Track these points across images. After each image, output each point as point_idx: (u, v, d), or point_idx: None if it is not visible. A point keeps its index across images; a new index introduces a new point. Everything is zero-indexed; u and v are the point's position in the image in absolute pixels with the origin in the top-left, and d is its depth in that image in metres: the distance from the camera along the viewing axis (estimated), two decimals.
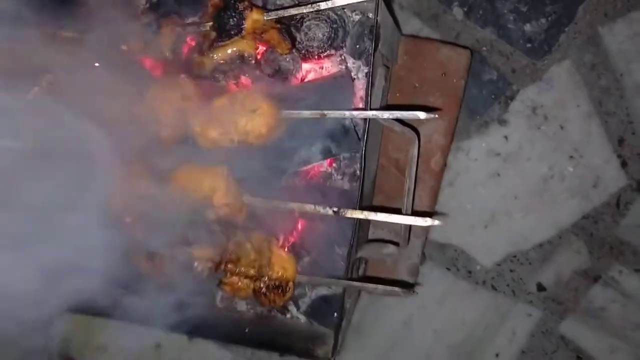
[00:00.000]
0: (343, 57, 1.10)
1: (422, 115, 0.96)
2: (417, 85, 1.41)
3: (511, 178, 1.68)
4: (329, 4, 0.97)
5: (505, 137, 1.66)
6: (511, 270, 1.72)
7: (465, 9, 1.61)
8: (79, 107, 1.03)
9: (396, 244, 1.19)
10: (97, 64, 1.06)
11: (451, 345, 1.77)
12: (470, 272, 1.74)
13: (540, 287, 1.72)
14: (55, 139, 1.02)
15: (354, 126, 1.09)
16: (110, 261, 1.06)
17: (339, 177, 1.15)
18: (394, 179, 1.42)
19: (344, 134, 1.09)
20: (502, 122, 1.65)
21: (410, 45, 1.40)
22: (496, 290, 1.73)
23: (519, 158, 1.67)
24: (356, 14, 1.09)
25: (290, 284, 1.07)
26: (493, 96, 1.65)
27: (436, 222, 0.98)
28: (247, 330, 1.17)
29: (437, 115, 0.94)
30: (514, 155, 1.67)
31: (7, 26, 0.99)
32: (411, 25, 1.63)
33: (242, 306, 1.24)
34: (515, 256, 1.71)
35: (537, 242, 1.70)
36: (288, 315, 1.22)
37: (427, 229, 1.49)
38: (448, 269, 1.74)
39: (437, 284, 1.75)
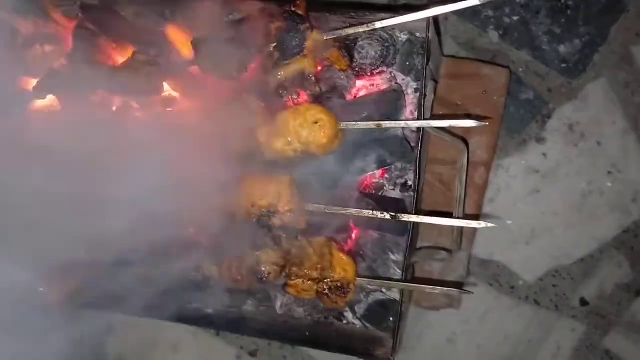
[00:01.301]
0: (393, 74, 1.19)
1: (473, 123, 1.03)
2: (459, 103, 1.49)
3: (551, 194, 1.73)
4: (384, 23, 1.06)
5: (544, 155, 1.72)
6: (554, 285, 1.76)
7: (501, 32, 1.69)
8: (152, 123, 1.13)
9: (447, 251, 1.25)
10: (167, 85, 1.16)
11: None
12: (513, 287, 1.78)
13: (583, 302, 1.75)
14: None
15: (406, 138, 1.17)
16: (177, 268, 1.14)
17: (391, 187, 1.23)
18: (439, 193, 1.49)
19: (397, 144, 1.17)
20: (540, 140, 1.71)
21: (452, 65, 1.49)
22: (539, 305, 1.77)
23: (558, 175, 1.72)
24: (404, 34, 1.19)
25: (352, 285, 1.14)
26: (530, 115, 1.71)
27: (489, 225, 1.05)
28: (307, 334, 1.24)
29: (487, 123, 1.02)
30: (552, 172, 1.72)
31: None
32: (448, 48, 1.71)
33: (299, 313, 1.30)
34: (557, 271, 1.75)
35: (578, 256, 1.74)
36: (344, 322, 1.29)
37: (472, 242, 1.55)
38: (491, 284, 1.78)
39: (480, 299, 1.79)
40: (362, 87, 1.21)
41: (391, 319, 1.23)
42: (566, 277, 1.76)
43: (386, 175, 1.22)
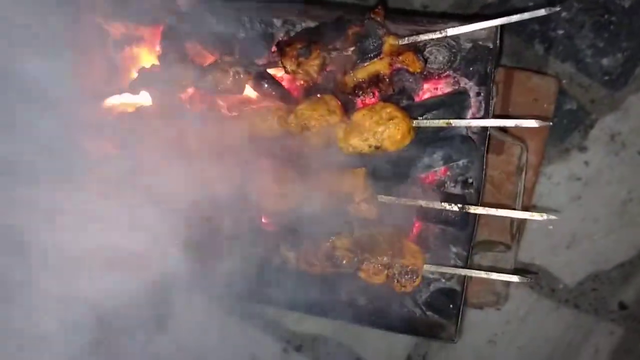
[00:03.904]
0: (457, 79, 1.30)
1: (536, 123, 1.14)
2: (510, 110, 1.60)
3: (592, 201, 1.81)
4: (455, 31, 1.18)
5: (586, 163, 1.80)
6: (593, 289, 1.83)
7: (546, 45, 1.79)
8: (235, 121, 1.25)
9: (504, 244, 1.36)
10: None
11: None
12: (553, 290, 1.85)
13: (622, 306, 1.82)
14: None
15: (470, 137, 1.28)
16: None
17: (452, 184, 1.33)
18: (489, 194, 1.59)
19: (461, 143, 1.28)
20: (582, 149, 1.80)
21: (503, 74, 1.60)
22: (579, 309, 1.84)
23: (599, 182, 1.80)
24: (468, 42, 1.30)
25: (420, 271, 1.25)
26: (573, 125, 1.80)
27: (552, 217, 1.15)
28: (373, 318, 1.35)
29: (551, 123, 1.12)
30: (594, 179, 1.80)
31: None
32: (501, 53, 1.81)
33: (362, 301, 1.41)
34: (597, 275, 1.83)
35: (618, 262, 1.82)
36: (405, 309, 1.39)
37: (520, 242, 1.65)
38: (532, 287, 1.85)
39: (521, 302, 1.87)
40: (427, 89, 1.32)
41: (451, 306, 1.33)
42: (605, 281, 1.83)
43: (448, 173, 1.33)
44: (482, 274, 1.22)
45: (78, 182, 1.10)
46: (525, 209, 1.65)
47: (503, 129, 1.38)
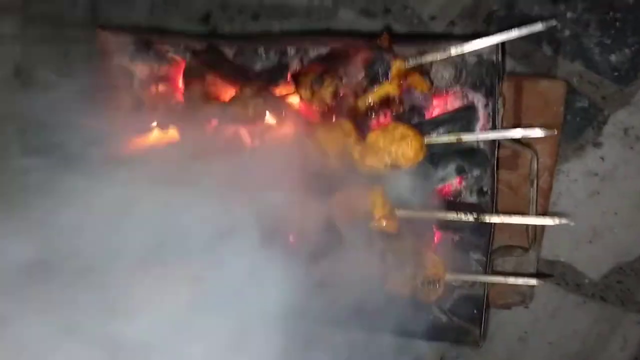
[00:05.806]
0: (464, 93, 1.38)
1: (542, 133, 1.22)
2: (522, 115, 1.67)
3: (610, 195, 1.86)
4: (459, 50, 1.26)
5: (602, 158, 1.85)
6: (618, 282, 1.88)
7: (554, 46, 1.85)
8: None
9: (523, 248, 1.43)
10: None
11: (566, 355, 1.92)
12: (579, 285, 1.91)
13: None
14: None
15: (481, 148, 1.36)
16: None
17: (468, 193, 1.41)
18: (507, 198, 1.66)
19: (473, 155, 1.36)
20: (597, 144, 1.85)
21: (513, 81, 1.67)
22: (605, 301, 1.89)
23: (616, 176, 1.85)
24: (472, 57, 1.38)
25: (442, 280, 1.33)
26: (586, 122, 1.85)
27: (564, 221, 1.22)
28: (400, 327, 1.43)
29: (555, 132, 1.20)
30: (610, 174, 1.85)
31: None
32: (506, 63, 1.88)
33: (390, 311, 1.49)
34: (621, 268, 1.88)
35: None
36: (430, 317, 1.47)
37: (540, 243, 1.71)
38: (558, 284, 1.91)
39: (549, 299, 1.93)
40: (437, 105, 1.40)
41: (475, 311, 1.41)
42: (630, 273, 1.88)
43: (463, 183, 1.40)
44: (502, 279, 1.29)
45: None
46: (544, 209, 1.72)
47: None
